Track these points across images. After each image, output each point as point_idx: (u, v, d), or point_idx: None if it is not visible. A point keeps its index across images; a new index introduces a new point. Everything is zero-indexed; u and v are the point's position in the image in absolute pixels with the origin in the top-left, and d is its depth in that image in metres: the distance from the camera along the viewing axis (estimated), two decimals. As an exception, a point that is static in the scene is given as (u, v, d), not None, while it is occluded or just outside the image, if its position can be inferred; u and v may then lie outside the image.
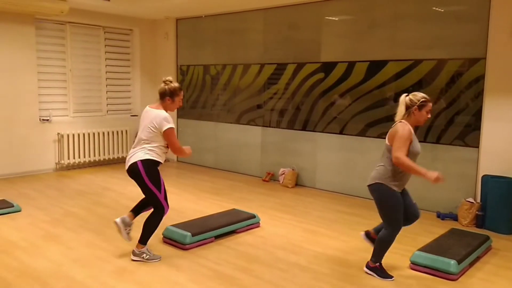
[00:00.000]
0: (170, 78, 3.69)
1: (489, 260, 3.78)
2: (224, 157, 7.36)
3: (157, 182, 3.59)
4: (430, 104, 3.33)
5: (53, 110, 7.04)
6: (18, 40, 6.43)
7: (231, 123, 7.22)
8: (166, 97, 3.62)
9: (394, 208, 3.28)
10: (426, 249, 3.63)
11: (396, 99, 5.36)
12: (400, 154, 3.16)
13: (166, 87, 3.62)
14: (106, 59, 7.66)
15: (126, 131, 7.81)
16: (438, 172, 3.13)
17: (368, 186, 3.41)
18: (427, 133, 5.17)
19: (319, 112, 6.10)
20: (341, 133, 5.90)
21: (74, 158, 7.14)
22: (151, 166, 3.56)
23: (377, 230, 3.62)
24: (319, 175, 6.19)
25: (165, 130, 3.53)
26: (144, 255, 3.62)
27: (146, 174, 3.53)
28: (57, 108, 7.11)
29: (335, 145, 5.98)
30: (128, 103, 8.13)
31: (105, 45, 7.63)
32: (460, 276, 3.40)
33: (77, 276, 3.30)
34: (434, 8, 5.08)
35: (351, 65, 5.72)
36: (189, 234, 3.91)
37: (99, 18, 7.35)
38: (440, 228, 4.51)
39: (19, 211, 4.85)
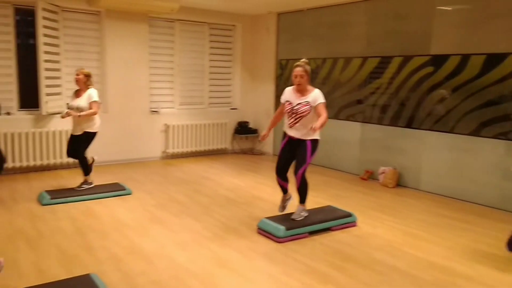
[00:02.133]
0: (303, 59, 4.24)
1: None
2: (321, 152, 7.17)
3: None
4: None
5: (161, 102, 7.56)
6: (133, 38, 7.00)
7: (330, 118, 7.06)
8: None
9: None
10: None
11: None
12: None
13: None
14: (209, 54, 8.00)
15: (226, 123, 8.10)
16: None
17: None
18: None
19: (426, 109, 5.70)
20: (451, 132, 5.44)
21: (178, 147, 7.60)
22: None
23: None
24: (424, 176, 5.78)
25: None
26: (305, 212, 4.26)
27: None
28: (165, 101, 7.62)
29: (444, 145, 5.53)
30: (228, 97, 8.42)
31: (210, 41, 7.97)
32: None
33: (178, 258, 3.50)
34: None
35: (465, 58, 5.23)
36: (283, 227, 3.91)
37: (205, 15, 7.69)
38: None
39: (130, 194, 5.29)
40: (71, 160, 5.09)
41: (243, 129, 8.26)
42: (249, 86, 8.46)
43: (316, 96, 4.08)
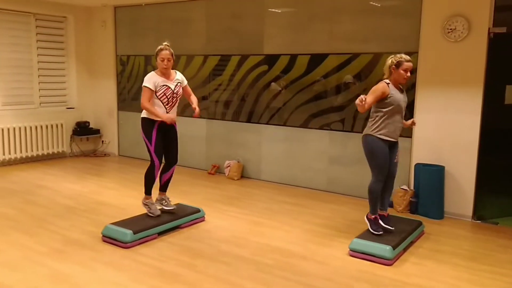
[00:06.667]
0: (164, 42, 4.14)
1: (421, 244, 4.00)
2: (168, 150, 7.20)
3: (150, 137, 4.09)
4: (409, 64, 3.72)
5: (-21, 102, 6.53)
6: None
7: (174, 115, 7.06)
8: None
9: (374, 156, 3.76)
10: (363, 236, 3.78)
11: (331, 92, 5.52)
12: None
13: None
14: (38, 48, 7.19)
15: (62, 124, 7.41)
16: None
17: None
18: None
19: (263, 104, 6.13)
20: (284, 124, 5.97)
21: (3, 154, 6.67)
22: (145, 123, 4.12)
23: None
24: (264, 167, 6.24)
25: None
26: (146, 206, 4.24)
27: (142, 129, 4.14)
28: (-17, 101, 6.60)
29: (279, 137, 6.04)
30: (64, 95, 7.70)
31: (37, 33, 7.15)
32: (395, 261, 3.58)
33: (7, 281, 3.09)
34: (371, 2, 5.24)
35: (293, 57, 5.78)
36: (130, 232, 3.79)
37: (29, 4, 6.86)
38: (378, 215, 4.71)
39: None
40: None
41: (82, 129, 7.68)
42: (87, 84, 7.88)
43: (181, 75, 4.28)
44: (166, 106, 4.11)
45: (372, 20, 5.20)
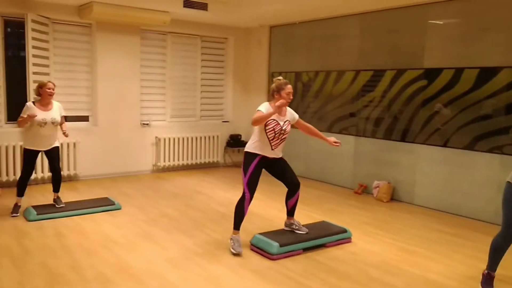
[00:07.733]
0: (279, 77, 4.05)
1: None
2: (314, 166, 7.19)
3: (247, 168, 3.89)
4: None
5: (153, 115, 7.46)
6: (125, 50, 6.93)
7: (322, 131, 6.97)
8: (274, 93, 3.94)
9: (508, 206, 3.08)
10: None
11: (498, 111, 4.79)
12: None
13: (273, 85, 3.97)
14: (201, 66, 7.95)
15: (218, 136, 8.01)
16: None
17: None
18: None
19: (420, 122, 5.67)
20: (445, 145, 5.41)
21: (169, 160, 7.48)
22: (247, 156, 3.96)
23: None
24: (419, 190, 5.73)
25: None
26: (231, 241, 3.94)
27: (243, 162, 3.98)
28: (156, 113, 7.52)
29: (438, 159, 5.49)
30: (221, 109, 8.35)
31: (201, 53, 7.93)
32: None
33: (170, 277, 3.37)
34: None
35: (458, 71, 5.23)
36: (277, 244, 3.81)
37: (197, 28, 7.66)
38: None
39: (119, 209, 5.16)
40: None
41: (235, 142, 8.18)
42: (241, 99, 8.41)
43: (291, 112, 4.09)
44: (272, 142, 3.89)
45: None
